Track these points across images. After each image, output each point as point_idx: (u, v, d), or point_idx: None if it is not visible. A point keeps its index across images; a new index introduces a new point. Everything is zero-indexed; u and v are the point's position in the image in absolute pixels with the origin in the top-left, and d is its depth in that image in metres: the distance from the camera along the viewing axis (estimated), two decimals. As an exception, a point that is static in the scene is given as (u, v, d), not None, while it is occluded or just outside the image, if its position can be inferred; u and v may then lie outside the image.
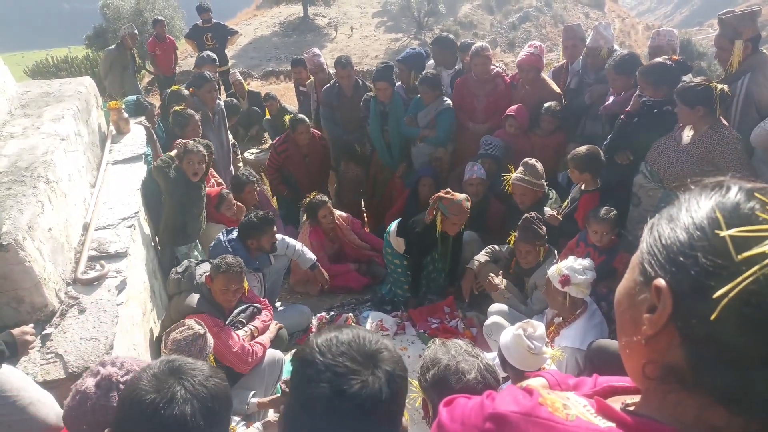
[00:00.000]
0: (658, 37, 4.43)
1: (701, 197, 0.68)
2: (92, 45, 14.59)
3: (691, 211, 0.67)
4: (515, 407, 0.76)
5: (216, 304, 3.12)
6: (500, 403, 0.78)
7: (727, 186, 0.67)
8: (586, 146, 3.69)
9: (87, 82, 3.92)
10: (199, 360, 1.35)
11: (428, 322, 3.88)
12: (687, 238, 0.64)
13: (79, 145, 3.35)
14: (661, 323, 0.65)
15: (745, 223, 0.61)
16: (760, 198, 0.63)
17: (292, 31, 15.84)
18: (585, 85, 4.50)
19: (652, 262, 0.68)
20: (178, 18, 15.12)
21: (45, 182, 2.62)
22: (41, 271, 2.37)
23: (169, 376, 1.24)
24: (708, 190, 0.68)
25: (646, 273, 0.69)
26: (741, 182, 0.67)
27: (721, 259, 0.60)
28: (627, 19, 20.18)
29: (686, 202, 0.69)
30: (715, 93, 3.07)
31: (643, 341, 0.69)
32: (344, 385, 1.00)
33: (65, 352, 2.29)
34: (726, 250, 0.60)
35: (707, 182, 0.70)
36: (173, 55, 8.92)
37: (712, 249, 0.61)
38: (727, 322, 0.59)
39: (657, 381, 0.69)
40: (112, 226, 3.06)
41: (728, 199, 0.65)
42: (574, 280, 2.84)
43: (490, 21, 17.37)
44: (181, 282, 3.15)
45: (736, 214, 0.63)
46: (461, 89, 4.87)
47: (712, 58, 14.27)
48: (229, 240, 3.66)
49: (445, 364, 1.58)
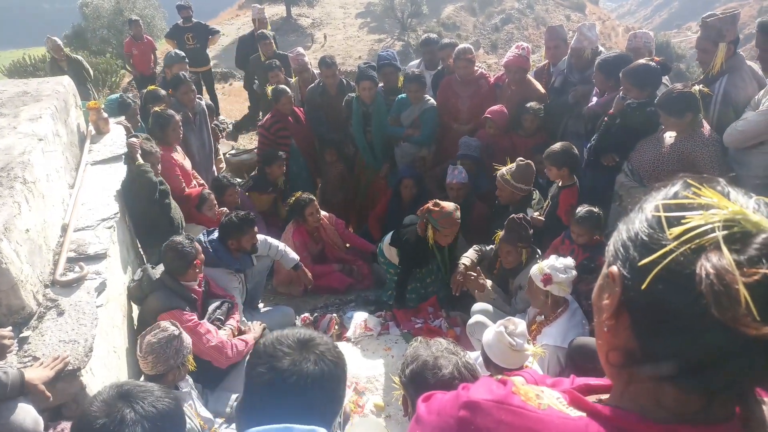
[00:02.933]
0: (635, 39, 4.51)
1: (658, 194, 0.73)
2: (71, 44, 14.36)
3: (644, 206, 0.72)
4: (488, 395, 0.78)
5: (186, 295, 3.11)
6: (474, 392, 0.80)
7: (674, 182, 0.72)
8: (560, 143, 3.75)
9: (65, 82, 3.85)
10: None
11: (412, 322, 3.89)
12: (637, 227, 0.70)
13: (58, 146, 3.30)
14: (613, 306, 0.70)
15: (679, 206, 0.66)
16: (691, 184, 0.68)
17: (274, 30, 15.75)
18: (569, 85, 4.55)
19: (611, 252, 0.74)
20: (159, 17, 14.99)
21: (22, 183, 2.57)
22: (18, 273, 2.32)
23: (118, 400, 1.28)
24: (663, 188, 0.73)
25: (608, 265, 0.74)
26: (689, 178, 0.72)
27: (657, 238, 0.65)
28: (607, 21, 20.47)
29: (646, 201, 0.73)
30: (697, 95, 3.15)
31: (605, 328, 0.73)
32: (277, 363, 1.17)
33: (43, 355, 2.24)
34: (661, 229, 0.65)
35: (663, 184, 0.75)
36: (151, 54, 8.83)
37: (651, 231, 0.67)
38: (659, 292, 0.64)
39: (619, 367, 0.73)
40: (92, 227, 3.01)
41: (670, 191, 0.70)
42: (556, 278, 2.87)
43: (473, 22, 17.49)
44: (142, 285, 3.11)
45: (673, 199, 0.68)
46: (445, 90, 4.90)
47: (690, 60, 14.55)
48: (209, 240, 3.63)
49: (423, 360, 1.62)
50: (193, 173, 4.73)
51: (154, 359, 2.36)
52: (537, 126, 4.52)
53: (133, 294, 3.16)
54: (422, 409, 0.86)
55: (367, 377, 3.30)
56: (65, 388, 2.22)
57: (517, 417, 0.74)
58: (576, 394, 0.79)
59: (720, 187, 0.67)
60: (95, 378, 2.37)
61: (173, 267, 3.10)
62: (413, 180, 4.72)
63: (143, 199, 3.64)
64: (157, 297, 3.04)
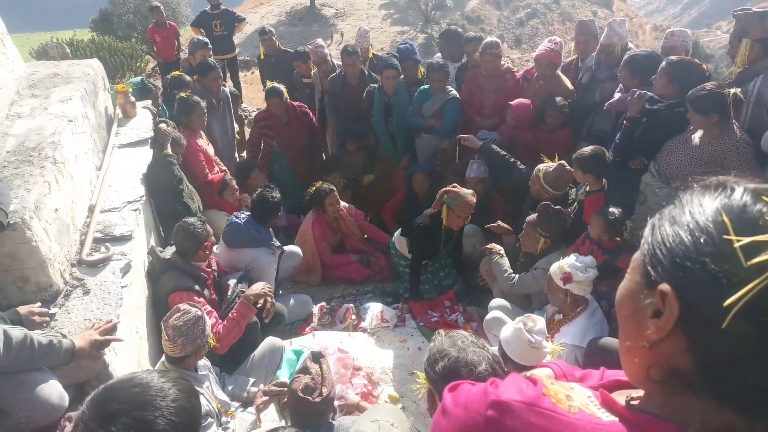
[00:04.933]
0: (672, 37, 4.39)
1: (704, 198, 0.67)
2: (97, 28, 14.56)
3: (695, 213, 0.65)
4: (518, 396, 0.76)
5: (196, 275, 3.17)
6: (504, 390, 0.78)
7: (731, 186, 0.66)
8: (591, 147, 3.65)
9: (95, 65, 3.91)
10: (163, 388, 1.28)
11: (428, 315, 3.90)
12: (692, 241, 0.63)
13: (86, 127, 3.35)
14: (668, 329, 0.65)
15: (753, 227, 0.60)
16: (767, 201, 0.62)
17: (298, 20, 15.79)
18: (597, 82, 4.47)
19: (656, 265, 0.67)
20: (184, 4, 15.09)
21: (52, 163, 2.63)
22: (47, 251, 2.38)
23: (98, 425, 1.19)
24: (711, 190, 0.67)
25: (648, 276, 0.68)
26: (745, 182, 0.67)
27: (730, 265, 0.59)
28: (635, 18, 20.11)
29: (689, 203, 0.68)
30: (728, 99, 3.06)
31: (647, 345, 0.69)
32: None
33: (69, 332, 2.29)
34: (734, 256, 0.59)
35: (709, 182, 0.69)
36: (175, 41, 8.88)
37: (719, 254, 0.60)
38: (737, 328, 0.58)
39: (661, 384, 0.69)
40: (118, 209, 3.06)
41: (734, 201, 0.64)
42: (576, 277, 2.85)
43: (497, 16, 17.31)
44: (153, 266, 3.17)
45: (743, 218, 0.62)
46: (470, 84, 4.87)
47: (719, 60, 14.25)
48: (246, 222, 3.69)
49: (455, 357, 1.58)
50: (216, 160, 4.78)
51: (183, 341, 2.35)
52: (561, 122, 4.46)
53: (148, 276, 3.22)
54: (448, 400, 0.85)
55: (382, 368, 3.31)
56: (89, 365, 2.28)
57: (548, 421, 0.73)
58: (608, 395, 0.77)
59: None
60: (118, 357, 2.42)
61: (184, 247, 3.15)
62: (425, 174, 4.72)
63: (161, 185, 3.69)
64: (169, 277, 3.10)
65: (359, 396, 2.97)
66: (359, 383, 3.07)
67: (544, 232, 3.45)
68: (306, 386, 2.18)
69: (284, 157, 5.34)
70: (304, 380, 2.21)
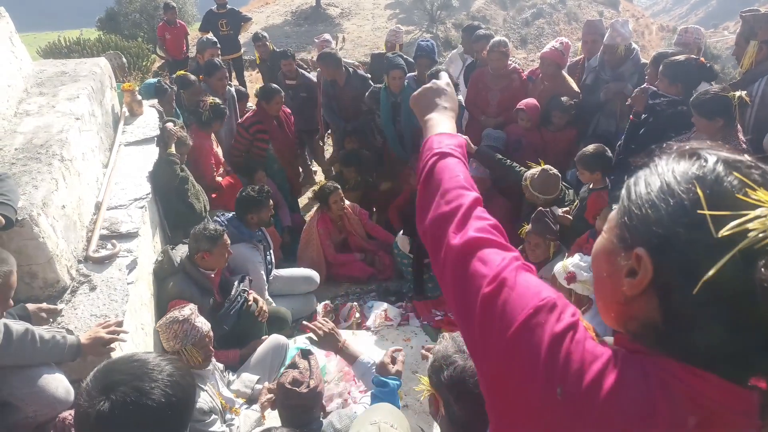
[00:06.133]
0: (686, 33, 4.35)
1: (679, 165, 0.70)
2: (104, 28, 14.60)
3: (670, 181, 0.69)
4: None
5: (203, 283, 3.20)
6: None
7: (704, 156, 0.69)
8: (593, 145, 3.66)
9: (102, 63, 3.94)
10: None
11: (432, 314, 3.91)
12: (667, 210, 0.67)
13: (93, 125, 3.38)
14: (641, 288, 0.69)
15: (725, 200, 0.63)
16: (739, 177, 0.65)
17: (303, 20, 15.79)
18: (601, 82, 4.46)
19: (631, 228, 0.71)
20: (191, 3, 15.12)
21: (60, 160, 2.65)
22: (54, 248, 2.40)
23: (99, 393, 1.28)
24: (686, 158, 0.70)
25: (624, 238, 0.72)
26: (717, 151, 0.70)
27: (702, 236, 0.63)
28: (641, 18, 20.01)
29: (664, 170, 0.71)
30: (733, 102, 3.00)
31: (622, 301, 0.73)
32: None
33: (75, 328, 2.31)
34: (706, 227, 0.63)
35: (684, 149, 0.72)
36: (184, 39, 8.92)
37: (692, 225, 0.64)
38: (704, 295, 0.63)
39: (634, 336, 0.74)
40: (124, 206, 3.09)
41: (707, 173, 0.67)
42: (580, 277, 2.85)
43: (503, 16, 17.26)
44: (163, 267, 3.19)
45: (716, 191, 0.65)
46: (476, 83, 4.87)
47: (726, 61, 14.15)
48: (228, 219, 3.78)
49: (462, 366, 1.52)
50: (223, 161, 4.83)
51: (162, 334, 2.50)
52: (566, 122, 4.45)
53: (156, 273, 3.25)
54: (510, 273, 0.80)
55: (385, 366, 3.32)
56: (95, 361, 2.29)
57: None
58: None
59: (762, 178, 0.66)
60: (123, 353, 2.43)
61: (200, 247, 3.18)
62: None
63: (164, 184, 3.72)
64: (175, 282, 3.12)
65: (361, 393, 2.98)
66: (363, 381, 3.08)
67: (552, 236, 3.44)
68: (294, 379, 2.22)
69: (276, 162, 5.29)
70: (292, 374, 2.25)
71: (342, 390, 2.94)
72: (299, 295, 4.10)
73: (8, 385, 1.94)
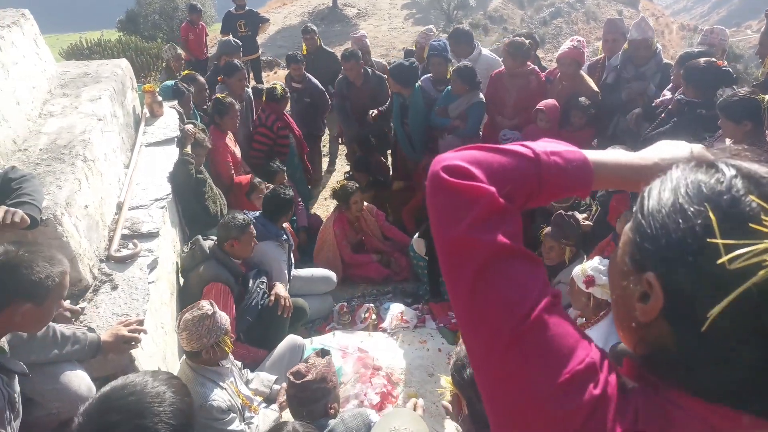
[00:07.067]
0: (711, 34, 4.27)
1: (694, 177, 0.65)
2: (124, 29, 14.84)
3: (682, 198, 0.64)
4: None
5: (234, 268, 3.32)
6: None
7: (722, 170, 0.65)
8: (612, 147, 3.62)
9: (123, 64, 3.99)
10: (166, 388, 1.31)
11: (449, 316, 3.89)
12: (676, 234, 0.63)
13: (115, 126, 3.43)
14: (653, 315, 0.66)
15: (740, 226, 0.59)
16: (757, 201, 0.60)
17: (320, 20, 15.87)
18: (623, 81, 4.38)
19: (643, 250, 0.67)
20: (209, 5, 15.29)
21: (82, 160, 2.69)
22: (77, 247, 2.44)
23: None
24: (702, 169, 0.66)
25: (635, 260, 0.68)
26: (738, 162, 0.65)
27: (712, 266, 0.59)
28: (661, 18, 19.75)
29: (678, 184, 0.66)
30: (763, 105, 2.91)
31: (634, 326, 0.70)
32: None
33: (97, 327, 2.35)
34: (717, 255, 0.58)
35: (702, 158, 0.69)
36: (204, 40, 9.03)
37: (701, 253, 0.60)
38: (717, 329, 0.59)
39: (645, 360, 0.71)
40: (145, 206, 3.13)
41: (723, 190, 0.62)
42: (599, 281, 2.81)
43: (520, 16, 17.17)
44: (194, 254, 3.29)
45: (730, 214, 0.60)
46: (495, 83, 4.84)
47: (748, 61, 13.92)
48: (255, 217, 3.82)
49: None
50: (242, 162, 4.85)
51: (187, 336, 2.44)
52: (585, 122, 4.40)
53: (185, 263, 3.33)
54: None
55: (401, 369, 3.32)
56: (116, 359, 2.33)
57: None
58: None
59: None
60: (144, 352, 2.46)
61: (230, 234, 3.30)
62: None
63: (179, 184, 3.76)
64: (208, 267, 3.23)
65: (379, 396, 2.98)
66: (379, 383, 3.08)
67: (568, 241, 3.41)
68: (297, 371, 2.27)
69: (296, 156, 5.42)
70: (298, 366, 2.31)
71: (358, 392, 2.95)
72: (317, 295, 4.11)
73: (31, 382, 1.97)
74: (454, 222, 0.73)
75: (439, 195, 0.76)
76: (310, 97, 5.88)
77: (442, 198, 0.75)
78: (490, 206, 0.72)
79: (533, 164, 0.77)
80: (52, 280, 1.68)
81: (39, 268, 1.65)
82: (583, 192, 0.83)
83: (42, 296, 1.67)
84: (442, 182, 0.75)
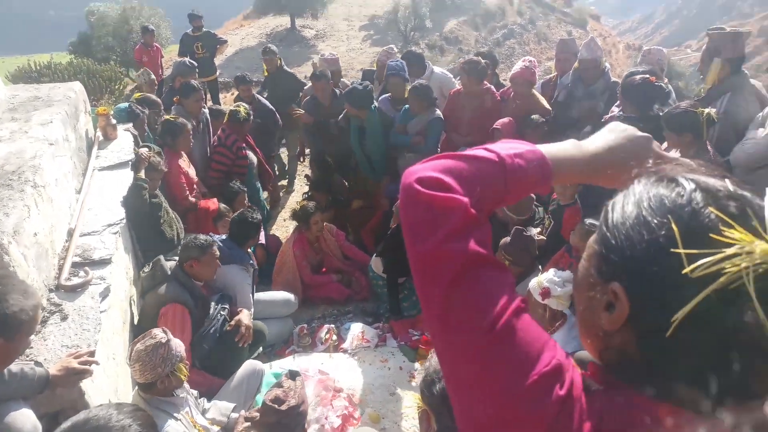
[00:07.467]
0: (649, 54, 4.51)
1: (655, 191, 0.69)
2: (76, 51, 14.46)
3: (645, 212, 0.67)
4: None
5: (195, 290, 3.25)
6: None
7: (682, 183, 0.68)
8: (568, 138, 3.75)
9: (77, 87, 3.91)
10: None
11: (410, 334, 3.91)
12: (640, 246, 0.66)
13: (67, 150, 3.34)
14: (619, 324, 0.68)
15: (701, 237, 0.62)
16: (716, 213, 0.64)
17: (279, 42, 15.88)
18: (574, 99, 4.57)
19: (608, 261, 0.70)
20: (165, 26, 15.09)
21: (32, 186, 2.61)
22: (25, 277, 2.35)
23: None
24: (663, 183, 0.69)
25: (601, 271, 0.71)
26: (697, 175, 0.69)
27: (676, 275, 0.62)
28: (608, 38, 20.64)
29: (641, 198, 0.69)
30: (701, 118, 3.11)
31: (599, 333, 0.72)
32: None
33: (45, 360, 2.26)
34: (681, 265, 0.61)
35: (662, 174, 0.71)
36: (159, 61, 8.92)
37: (665, 263, 0.63)
38: (682, 336, 0.62)
39: (609, 367, 0.72)
40: (97, 232, 3.05)
41: (684, 203, 0.65)
42: (554, 292, 2.89)
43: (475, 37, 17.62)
44: (155, 275, 3.23)
45: (692, 226, 0.64)
46: (453, 101, 4.97)
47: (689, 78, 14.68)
48: (222, 240, 3.79)
49: None
50: (197, 182, 4.78)
51: (141, 367, 2.38)
52: (538, 139, 4.55)
53: (144, 284, 3.26)
54: None
55: (363, 389, 3.31)
56: (64, 394, 2.23)
57: None
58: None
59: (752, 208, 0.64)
60: (94, 384, 2.38)
61: (190, 255, 3.25)
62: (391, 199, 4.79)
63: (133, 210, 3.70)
64: (168, 288, 3.18)
65: (340, 419, 2.96)
66: (340, 405, 3.06)
67: (507, 255, 3.52)
68: (276, 397, 2.22)
69: (254, 177, 5.45)
70: (275, 392, 2.25)
71: (319, 415, 2.92)
72: (276, 318, 4.06)
73: (-26, 422, 1.88)
74: (430, 233, 0.73)
75: (413, 207, 0.77)
76: (261, 117, 5.88)
77: (417, 210, 0.76)
78: (465, 216, 0.73)
79: (499, 168, 0.80)
80: (26, 314, 1.60)
81: (12, 301, 1.58)
82: (544, 189, 0.87)
83: (13, 331, 1.59)
84: (416, 195, 0.76)
